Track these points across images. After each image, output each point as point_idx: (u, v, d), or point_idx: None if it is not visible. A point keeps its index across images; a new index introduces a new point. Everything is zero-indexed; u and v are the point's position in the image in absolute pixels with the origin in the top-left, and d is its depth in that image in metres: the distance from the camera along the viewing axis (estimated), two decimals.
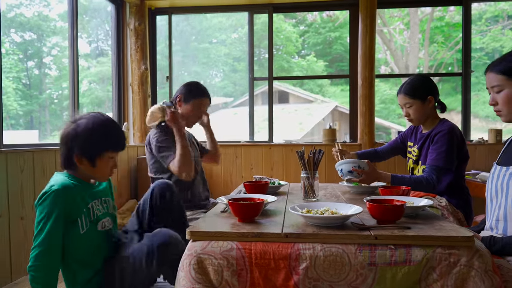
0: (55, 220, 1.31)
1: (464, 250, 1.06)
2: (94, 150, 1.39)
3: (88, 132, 1.38)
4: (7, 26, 4.38)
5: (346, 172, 1.89)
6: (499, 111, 1.43)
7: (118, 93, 4.26)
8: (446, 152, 1.94)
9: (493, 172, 1.49)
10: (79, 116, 1.43)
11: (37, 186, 2.65)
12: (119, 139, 1.45)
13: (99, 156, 1.41)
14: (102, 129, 1.40)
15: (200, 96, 2.40)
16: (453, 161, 1.97)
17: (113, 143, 1.43)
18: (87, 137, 1.38)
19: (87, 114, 1.45)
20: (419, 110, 2.08)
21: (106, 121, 1.43)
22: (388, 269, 1.07)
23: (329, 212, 1.27)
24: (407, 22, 9.55)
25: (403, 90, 2.12)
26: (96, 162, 1.41)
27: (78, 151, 1.38)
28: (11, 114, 4.95)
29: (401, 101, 2.15)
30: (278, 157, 4.06)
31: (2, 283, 2.34)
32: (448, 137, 1.96)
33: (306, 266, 1.09)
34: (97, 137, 1.39)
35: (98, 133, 1.39)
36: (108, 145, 1.42)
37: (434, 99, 2.09)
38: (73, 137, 1.38)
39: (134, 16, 4.14)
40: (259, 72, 4.56)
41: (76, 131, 1.38)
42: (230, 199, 1.38)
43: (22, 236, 2.51)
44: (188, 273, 1.12)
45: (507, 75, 1.36)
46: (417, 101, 2.08)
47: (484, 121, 9.22)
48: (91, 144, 1.39)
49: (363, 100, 3.94)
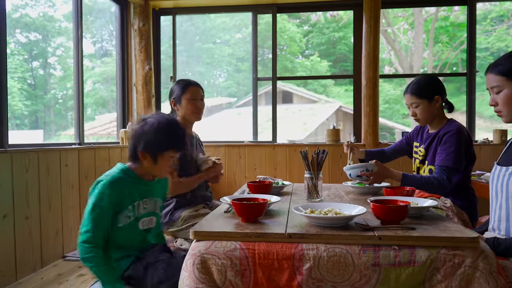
0: (102, 210, 1.40)
1: (469, 251, 1.05)
2: (157, 147, 1.48)
3: (154, 130, 1.47)
4: (12, 27, 4.41)
5: (355, 177, 1.91)
6: (499, 111, 1.43)
7: (122, 93, 4.28)
8: (455, 152, 1.93)
9: (493, 173, 1.48)
10: (148, 115, 1.54)
11: (42, 185, 2.67)
12: (181, 140, 1.55)
13: (161, 153, 1.49)
14: (166, 128, 1.49)
15: (186, 89, 2.28)
16: (461, 161, 1.96)
17: (175, 143, 1.52)
18: (152, 135, 1.47)
19: (155, 113, 1.55)
20: (426, 110, 2.07)
21: (170, 122, 1.53)
22: (392, 270, 1.06)
23: (333, 213, 1.27)
24: (412, 22, 9.51)
25: (409, 90, 2.10)
26: (157, 159, 1.49)
27: (143, 147, 1.47)
28: (16, 114, 4.98)
29: (408, 101, 2.13)
30: (281, 157, 4.06)
31: (7, 282, 2.35)
32: (456, 137, 1.95)
33: (309, 267, 1.09)
34: (161, 136, 1.48)
35: (162, 132, 1.48)
36: (170, 144, 1.50)
37: (441, 98, 2.07)
38: (140, 134, 1.48)
39: (138, 16, 4.16)
40: (263, 72, 4.55)
41: (143, 129, 1.48)
42: (233, 199, 1.39)
43: (27, 235, 2.53)
44: (192, 273, 1.12)
45: (506, 76, 1.36)
46: (424, 101, 2.06)
47: (488, 121, 9.16)
48: (155, 142, 1.47)
49: (367, 100, 3.93)
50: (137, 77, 4.23)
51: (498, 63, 1.40)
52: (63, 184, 2.89)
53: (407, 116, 10.26)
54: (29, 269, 2.54)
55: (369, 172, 1.87)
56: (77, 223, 3.08)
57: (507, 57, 1.39)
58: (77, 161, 3.08)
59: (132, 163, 1.53)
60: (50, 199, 2.76)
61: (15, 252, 2.42)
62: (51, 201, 2.76)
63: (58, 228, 2.84)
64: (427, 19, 9.43)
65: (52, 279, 2.46)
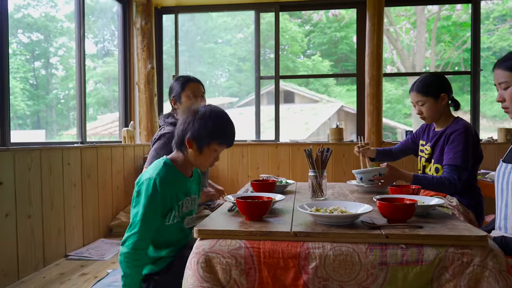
0: (154, 211, 1.35)
1: (478, 250, 1.04)
2: (204, 138, 1.44)
3: (204, 120, 1.44)
4: (14, 27, 4.40)
5: (366, 181, 1.87)
6: (506, 107, 1.42)
7: (124, 92, 4.27)
8: (463, 151, 1.91)
9: (498, 170, 1.47)
10: (202, 106, 1.50)
11: (44, 184, 2.66)
12: (229, 135, 1.51)
13: (207, 144, 1.45)
14: (217, 120, 1.46)
15: (186, 85, 2.21)
16: (469, 160, 1.94)
17: (223, 137, 1.49)
18: (201, 124, 1.44)
19: (208, 105, 1.52)
20: (432, 108, 2.05)
21: (222, 115, 1.50)
22: (399, 269, 1.05)
23: (339, 211, 1.26)
24: (414, 21, 9.48)
25: (415, 88, 2.08)
26: (203, 149, 1.46)
27: (191, 135, 1.44)
28: (18, 114, 4.98)
29: (414, 99, 2.10)
30: (284, 156, 4.04)
31: (10, 281, 2.34)
32: (464, 136, 1.93)
33: (315, 266, 1.07)
34: (210, 127, 1.44)
35: (212, 123, 1.45)
36: (218, 136, 1.47)
37: (448, 96, 2.05)
38: (191, 121, 1.45)
39: (140, 15, 4.15)
40: (265, 72, 4.54)
41: (194, 117, 1.45)
42: (237, 197, 1.37)
43: (30, 234, 2.52)
44: (196, 272, 1.11)
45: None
46: (430, 99, 2.04)
47: (491, 121, 9.13)
48: (203, 131, 1.44)
49: (370, 99, 3.91)
50: (139, 76, 4.22)
51: (506, 58, 1.39)
52: (65, 182, 2.89)
53: (409, 115, 10.23)
54: (32, 268, 2.53)
55: (381, 176, 1.83)
56: (79, 222, 3.07)
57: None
58: (80, 160, 3.07)
59: (177, 151, 1.50)
60: (53, 198, 2.75)
61: (17, 251, 2.41)
62: (53, 200, 2.75)
63: (60, 227, 2.84)
64: (429, 18, 9.40)
65: (54, 278, 2.45)
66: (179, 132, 1.47)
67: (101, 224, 3.40)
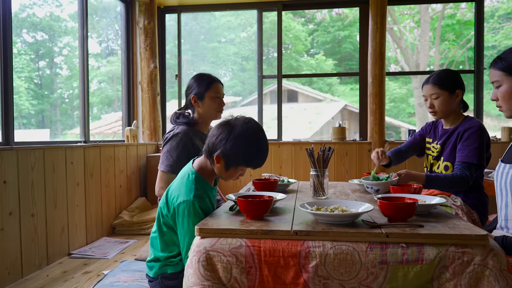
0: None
1: (478, 249, 1.03)
2: (233, 159, 1.40)
3: (238, 142, 1.38)
4: (19, 27, 4.43)
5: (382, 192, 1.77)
6: (500, 106, 1.44)
7: (127, 91, 4.29)
8: (479, 148, 1.90)
9: (497, 170, 1.47)
10: (239, 118, 1.42)
11: (48, 183, 2.67)
12: (259, 161, 1.44)
13: (235, 166, 1.42)
14: (250, 145, 1.40)
15: (211, 85, 2.16)
16: (484, 158, 1.93)
17: (253, 163, 1.43)
18: (234, 146, 1.38)
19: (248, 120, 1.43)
20: (446, 103, 2.01)
21: (258, 139, 1.42)
22: (399, 268, 1.05)
23: (339, 210, 1.26)
24: (418, 20, 9.44)
25: (431, 80, 2.03)
26: (230, 168, 1.43)
27: (221, 152, 1.39)
28: (23, 114, 5.01)
29: (428, 92, 2.05)
30: (287, 155, 4.04)
31: (14, 279, 2.36)
32: (479, 134, 1.91)
33: (316, 264, 1.07)
34: (242, 151, 1.39)
35: (244, 148, 1.39)
36: (247, 161, 1.43)
37: (462, 94, 2.03)
38: (224, 138, 1.39)
39: (143, 14, 4.16)
40: (268, 71, 4.55)
41: (229, 135, 1.39)
42: (238, 196, 1.37)
43: (33, 233, 2.54)
44: (197, 270, 1.11)
45: (506, 71, 1.37)
46: (445, 93, 2.00)
47: (496, 120, 9.08)
48: (234, 153, 1.39)
49: (373, 98, 3.90)
50: (142, 75, 4.23)
51: (500, 58, 1.40)
52: (68, 181, 2.90)
53: (413, 115, 10.19)
54: (35, 266, 2.55)
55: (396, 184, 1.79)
56: (82, 220, 3.09)
57: (508, 52, 1.39)
58: (83, 159, 3.08)
59: (205, 158, 1.46)
60: (56, 197, 2.76)
61: (21, 249, 2.43)
62: (56, 198, 2.77)
63: (63, 225, 2.85)
64: (433, 17, 9.36)
65: (58, 276, 2.46)
66: (210, 143, 1.43)
67: (104, 222, 3.42)
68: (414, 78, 9.26)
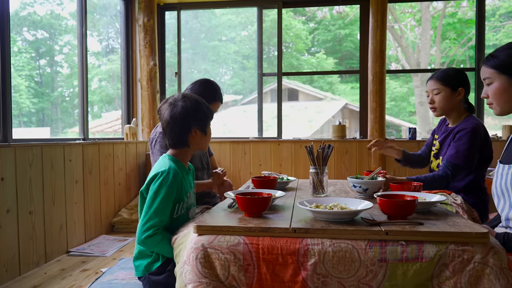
0: (167, 202, 1.38)
1: (479, 247, 1.02)
2: (206, 118, 1.55)
3: (198, 104, 1.52)
4: (20, 25, 4.42)
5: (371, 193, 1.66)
6: (490, 103, 1.45)
7: (127, 89, 4.27)
8: (467, 151, 1.88)
9: (497, 171, 1.46)
10: (171, 98, 1.53)
11: (46, 180, 2.66)
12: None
13: (208, 124, 1.57)
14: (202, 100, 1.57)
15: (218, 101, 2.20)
16: (472, 160, 1.91)
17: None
18: (199, 109, 1.52)
19: (174, 95, 1.55)
20: (446, 99, 2.01)
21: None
22: (399, 266, 1.04)
23: (339, 207, 1.24)
24: (419, 18, 9.40)
25: (435, 76, 2.05)
26: (206, 129, 1.56)
27: (196, 123, 1.50)
28: (23, 112, 5.00)
29: (430, 87, 2.06)
30: (287, 153, 4.03)
31: (11, 276, 2.35)
32: (470, 136, 1.90)
33: (314, 262, 1.06)
34: (205, 107, 1.54)
35: (204, 104, 1.55)
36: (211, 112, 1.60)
37: (464, 93, 2.02)
38: (187, 113, 1.49)
39: (143, 11, 4.14)
40: (269, 70, 4.53)
41: (188, 108, 1.50)
42: (237, 193, 1.36)
43: (31, 230, 2.53)
44: (195, 267, 1.10)
45: (497, 69, 1.37)
46: (447, 89, 2.00)
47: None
48: (203, 114, 1.53)
49: (373, 96, 3.89)
50: (141, 73, 4.22)
51: (492, 55, 1.40)
52: (67, 179, 2.89)
53: (414, 113, 10.17)
54: (33, 264, 2.54)
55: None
56: (81, 218, 3.08)
57: (500, 50, 1.39)
58: (81, 156, 3.07)
59: (172, 150, 1.52)
60: (54, 194, 2.75)
61: (19, 247, 2.42)
62: (55, 196, 2.76)
63: (62, 223, 2.84)
64: (434, 16, 9.33)
65: (56, 274, 2.45)
66: (175, 132, 1.48)
67: (103, 220, 3.41)
68: (415, 77, 9.24)
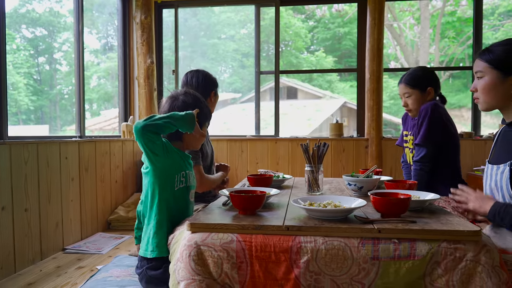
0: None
1: (471, 245, 1.02)
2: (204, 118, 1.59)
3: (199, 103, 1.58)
4: (18, 22, 4.40)
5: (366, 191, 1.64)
6: (477, 98, 1.44)
7: (124, 86, 4.26)
8: (426, 130, 1.95)
9: (486, 172, 1.46)
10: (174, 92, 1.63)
11: (41, 178, 2.66)
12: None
13: (204, 124, 1.62)
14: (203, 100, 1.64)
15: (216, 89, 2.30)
16: (435, 136, 1.95)
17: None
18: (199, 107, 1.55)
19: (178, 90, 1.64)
20: (418, 101, 2.08)
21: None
22: (391, 264, 1.04)
23: (332, 205, 1.24)
24: (418, 17, 9.39)
25: (403, 80, 2.13)
26: (201, 129, 1.57)
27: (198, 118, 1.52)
28: (22, 109, 4.99)
29: (401, 91, 2.15)
30: (284, 151, 4.03)
31: (6, 274, 2.35)
32: (424, 114, 1.97)
33: (307, 260, 1.06)
34: (204, 107, 1.60)
35: (204, 104, 1.61)
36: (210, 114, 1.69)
37: (434, 91, 2.07)
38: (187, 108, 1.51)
39: (140, 9, 4.13)
40: (268, 68, 4.51)
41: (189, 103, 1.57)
42: (231, 191, 1.36)
43: (26, 227, 2.52)
44: (188, 265, 1.10)
45: (491, 64, 1.37)
46: (416, 91, 2.07)
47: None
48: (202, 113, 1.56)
49: (370, 94, 3.88)
50: (139, 71, 4.21)
51: (488, 50, 1.40)
52: (63, 176, 2.88)
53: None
54: (28, 261, 2.54)
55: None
56: (77, 215, 3.08)
57: (496, 45, 1.39)
58: (77, 154, 3.06)
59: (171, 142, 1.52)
60: (50, 192, 2.75)
61: (14, 244, 2.42)
62: (50, 193, 2.75)
63: (58, 220, 2.84)
64: (433, 14, 9.32)
65: (51, 271, 2.45)
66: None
67: (99, 218, 3.41)
68: None
